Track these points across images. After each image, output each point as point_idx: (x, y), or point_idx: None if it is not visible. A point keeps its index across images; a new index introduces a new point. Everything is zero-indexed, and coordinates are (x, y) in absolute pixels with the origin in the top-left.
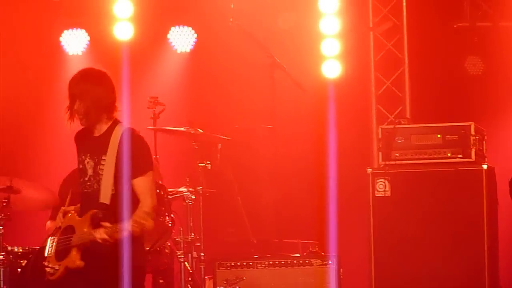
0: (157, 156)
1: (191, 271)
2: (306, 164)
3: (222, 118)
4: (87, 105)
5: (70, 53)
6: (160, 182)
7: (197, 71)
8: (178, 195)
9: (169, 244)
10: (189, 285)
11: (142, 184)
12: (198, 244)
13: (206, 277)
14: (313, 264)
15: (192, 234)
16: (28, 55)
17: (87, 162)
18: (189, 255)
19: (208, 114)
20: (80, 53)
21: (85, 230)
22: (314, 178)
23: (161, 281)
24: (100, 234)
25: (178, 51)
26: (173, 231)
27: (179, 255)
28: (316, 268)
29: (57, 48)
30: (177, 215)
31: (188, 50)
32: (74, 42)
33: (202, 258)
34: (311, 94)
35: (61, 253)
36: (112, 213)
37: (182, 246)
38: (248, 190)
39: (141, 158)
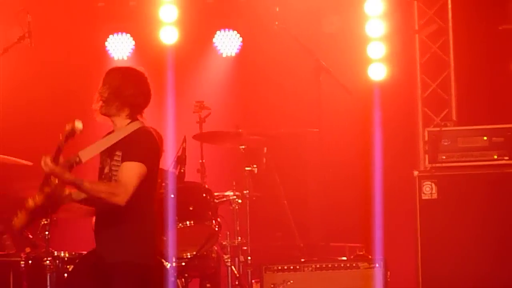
0: (203, 161)
1: (238, 275)
2: (352, 167)
3: (268, 122)
4: (109, 91)
5: (116, 58)
6: (206, 186)
7: (243, 75)
8: (225, 199)
9: (216, 248)
10: None
11: (125, 168)
12: (245, 248)
13: (253, 281)
14: (360, 268)
15: (239, 238)
16: (74, 60)
17: (105, 160)
18: (236, 259)
19: (254, 118)
20: (125, 58)
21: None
22: (360, 181)
23: (208, 285)
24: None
25: (224, 55)
26: (220, 235)
27: (226, 259)
28: (363, 271)
29: (103, 53)
30: (224, 219)
31: (233, 54)
32: (120, 46)
33: (249, 262)
34: (357, 97)
35: None
36: (123, 209)
37: (229, 250)
38: (294, 193)
39: (136, 147)
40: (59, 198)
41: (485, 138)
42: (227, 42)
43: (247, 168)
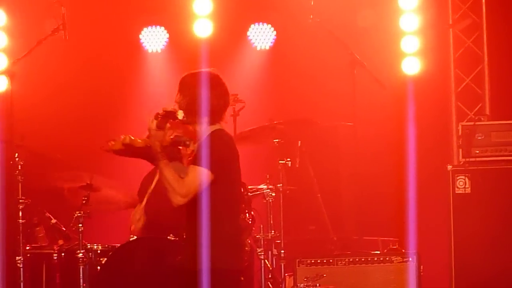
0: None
1: (271, 269)
2: (386, 161)
3: (302, 115)
4: (187, 100)
5: (150, 51)
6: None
7: (277, 69)
8: (258, 192)
9: (249, 241)
10: (269, 283)
11: (191, 172)
12: (278, 241)
13: (286, 274)
14: (393, 262)
15: (273, 231)
16: (108, 52)
17: None
18: (269, 252)
19: (288, 111)
20: (159, 51)
21: None
22: (394, 175)
23: (241, 278)
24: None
25: (258, 48)
26: (253, 228)
27: (259, 252)
28: (396, 265)
29: (137, 46)
30: (257, 213)
31: (267, 48)
32: (154, 39)
33: (282, 255)
34: (391, 91)
35: None
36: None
37: (262, 243)
38: (328, 187)
39: (205, 152)
40: (151, 154)
41: None
42: (261, 36)
43: (281, 162)
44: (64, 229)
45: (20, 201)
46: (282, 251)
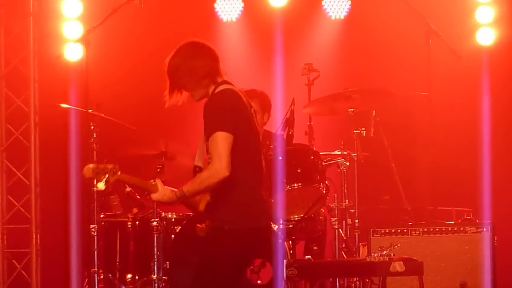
0: (312, 123)
1: (345, 238)
2: (460, 131)
3: (377, 84)
4: (183, 79)
5: (224, 20)
6: (314, 148)
7: (352, 38)
8: (333, 161)
9: (323, 211)
10: (343, 252)
11: (210, 145)
12: (352, 211)
13: (360, 244)
14: (467, 232)
15: (347, 201)
16: (183, 22)
17: (202, 137)
18: (343, 222)
19: (362, 80)
20: (234, 20)
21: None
22: (468, 145)
23: (315, 247)
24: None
25: (333, 18)
26: (327, 198)
27: (333, 222)
28: (471, 235)
29: (212, 15)
30: (332, 182)
31: (342, 17)
32: (229, 8)
33: (356, 225)
34: (465, 61)
35: None
36: None
37: (336, 213)
38: (402, 157)
39: (208, 120)
40: None
41: None
42: (336, 5)
43: (355, 131)
44: (139, 197)
45: None
46: (356, 221)
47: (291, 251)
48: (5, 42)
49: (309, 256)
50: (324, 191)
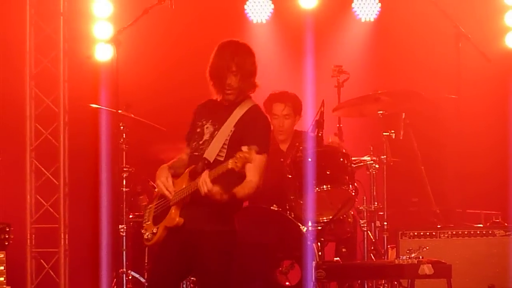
0: (341, 125)
1: (373, 240)
2: (489, 134)
3: (406, 87)
4: (242, 79)
5: (254, 21)
6: (344, 150)
7: (382, 40)
8: (362, 164)
9: (352, 213)
10: (371, 254)
11: (256, 161)
12: (381, 213)
13: (388, 246)
14: (496, 235)
15: (376, 203)
16: (213, 23)
17: (206, 127)
18: (372, 224)
19: (392, 83)
20: (264, 21)
21: (184, 186)
22: (497, 148)
23: (343, 249)
24: (200, 182)
25: (362, 20)
26: (357, 200)
27: (362, 224)
28: (499, 238)
29: (242, 17)
30: (361, 184)
31: (372, 19)
32: (259, 10)
33: (385, 227)
34: (495, 64)
35: (158, 217)
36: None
37: (365, 215)
38: (431, 159)
39: (263, 137)
40: None
41: None
42: (366, 7)
43: (385, 133)
44: None
45: (124, 169)
46: (385, 223)
47: (320, 253)
48: (35, 42)
49: (338, 258)
50: (353, 193)
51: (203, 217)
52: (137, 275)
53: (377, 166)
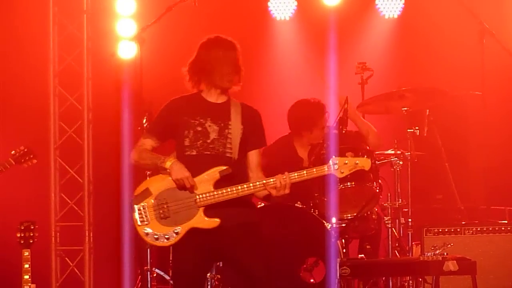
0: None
1: (398, 237)
2: None
3: (431, 83)
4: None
5: (278, 18)
6: (368, 147)
7: (406, 37)
8: (386, 160)
9: (376, 210)
10: (396, 251)
11: (259, 157)
12: (406, 210)
13: (413, 243)
14: None
15: (400, 200)
16: (237, 20)
17: (209, 126)
18: (397, 221)
19: (416, 79)
20: (287, 19)
21: (210, 187)
22: None
23: (368, 246)
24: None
25: (386, 17)
26: (381, 197)
27: (386, 221)
28: None
29: (265, 14)
30: (385, 181)
31: (395, 16)
32: (282, 7)
33: (410, 224)
34: None
35: (174, 216)
36: (232, 175)
37: (389, 212)
38: (456, 156)
39: (263, 133)
40: None
41: None
42: (390, 4)
43: (409, 130)
44: None
45: None
46: (410, 220)
47: (344, 250)
48: (59, 40)
49: (362, 255)
50: (377, 190)
51: (236, 214)
52: (161, 273)
53: (401, 162)
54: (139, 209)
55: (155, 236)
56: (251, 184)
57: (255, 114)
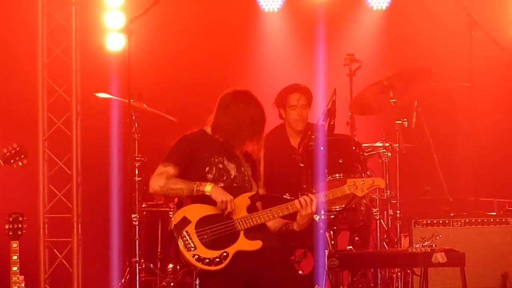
0: (353, 114)
1: (386, 229)
2: (502, 122)
3: (418, 75)
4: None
5: (266, 10)
6: (356, 139)
7: (394, 29)
8: (374, 152)
9: (364, 201)
10: (384, 243)
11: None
12: (394, 201)
13: (401, 234)
14: (509, 223)
15: (388, 191)
16: (225, 12)
17: (227, 164)
18: (385, 212)
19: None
20: (276, 10)
21: (244, 211)
22: (510, 136)
23: (356, 238)
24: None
25: (374, 8)
26: None
27: (375, 212)
28: None
29: (254, 5)
30: (373, 173)
31: (384, 8)
32: None
33: (398, 216)
34: (508, 52)
35: (219, 240)
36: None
37: (378, 203)
38: (444, 147)
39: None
40: None
41: None
42: None
43: (397, 122)
44: None
45: (137, 158)
46: (398, 211)
47: (333, 242)
48: (47, 32)
49: (351, 247)
50: None
51: (269, 237)
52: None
53: (389, 154)
54: (183, 236)
55: (206, 260)
56: (283, 206)
57: (250, 155)
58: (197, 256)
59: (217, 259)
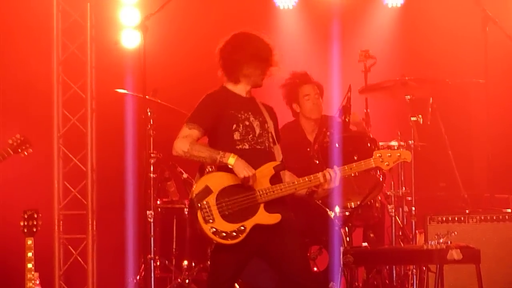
0: (368, 110)
1: (401, 226)
2: None
3: (434, 72)
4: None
5: (281, 7)
6: (371, 135)
7: (409, 25)
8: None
9: (380, 198)
10: (399, 240)
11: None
12: (409, 198)
13: (416, 231)
14: None
15: (403, 188)
16: (241, 9)
17: (253, 120)
18: (400, 209)
19: (419, 67)
20: (291, 7)
21: (267, 183)
22: None
23: (371, 235)
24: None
25: (389, 6)
26: (384, 185)
27: (390, 209)
28: None
29: (269, 2)
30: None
31: (399, 5)
32: None
33: (413, 212)
34: None
35: (238, 213)
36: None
37: (393, 200)
38: (459, 144)
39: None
40: None
41: None
42: None
43: (412, 118)
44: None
45: (152, 155)
46: (413, 208)
47: (348, 238)
48: (62, 28)
49: (366, 244)
50: (381, 178)
51: (287, 207)
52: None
53: None
54: (203, 208)
55: (223, 234)
56: (306, 178)
57: (273, 110)
58: (214, 230)
59: (234, 233)
